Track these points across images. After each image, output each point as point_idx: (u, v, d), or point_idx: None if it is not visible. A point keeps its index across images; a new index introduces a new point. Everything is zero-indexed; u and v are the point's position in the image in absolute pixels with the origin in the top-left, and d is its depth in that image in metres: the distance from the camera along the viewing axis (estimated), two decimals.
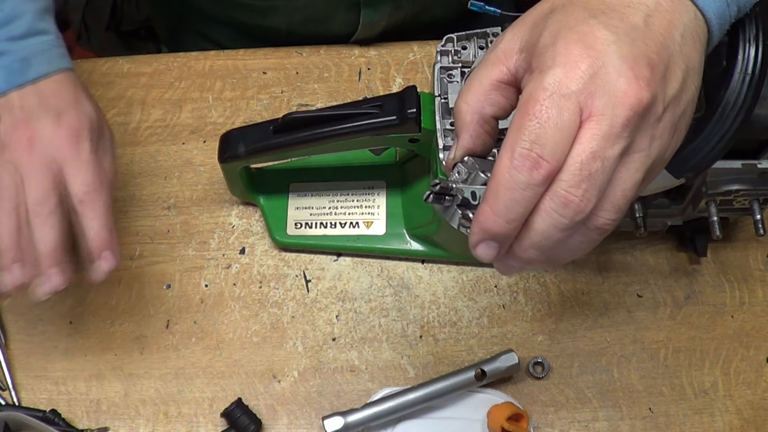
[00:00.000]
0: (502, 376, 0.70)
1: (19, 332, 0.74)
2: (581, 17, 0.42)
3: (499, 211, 0.42)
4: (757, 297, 0.75)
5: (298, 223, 0.76)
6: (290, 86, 0.84)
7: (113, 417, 0.70)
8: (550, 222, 0.42)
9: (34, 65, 0.61)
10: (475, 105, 0.47)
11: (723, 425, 0.70)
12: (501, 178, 0.41)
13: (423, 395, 0.68)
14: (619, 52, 0.41)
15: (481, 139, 0.48)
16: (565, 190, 0.41)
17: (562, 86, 0.41)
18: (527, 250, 0.44)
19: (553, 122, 0.40)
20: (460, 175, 0.48)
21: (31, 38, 0.61)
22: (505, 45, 0.46)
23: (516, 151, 0.41)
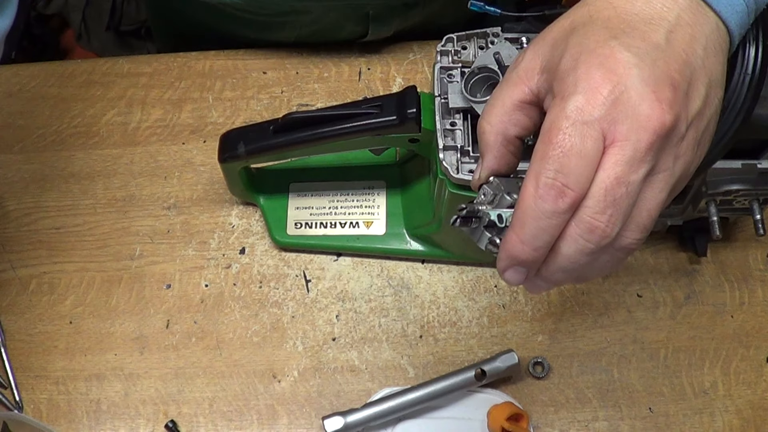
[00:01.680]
0: (502, 376, 0.69)
1: (19, 332, 0.74)
2: (602, 38, 0.42)
3: (526, 239, 0.42)
4: (757, 297, 0.75)
5: (298, 223, 0.76)
6: (290, 86, 0.84)
7: (113, 417, 0.70)
8: (577, 247, 0.42)
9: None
10: (498, 126, 0.46)
11: (723, 425, 0.70)
12: (527, 207, 0.42)
13: (423, 395, 0.68)
14: (641, 75, 0.41)
15: (506, 160, 0.47)
16: (591, 217, 0.41)
17: (585, 113, 0.40)
18: (555, 274, 0.44)
19: (576, 150, 0.40)
20: (486, 197, 0.47)
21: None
22: (526, 64, 0.46)
23: (540, 180, 0.41)
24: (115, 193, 0.79)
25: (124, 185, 0.80)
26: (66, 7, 1.23)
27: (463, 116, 0.63)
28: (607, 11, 0.44)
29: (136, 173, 0.80)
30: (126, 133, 0.82)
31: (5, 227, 0.78)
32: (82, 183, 0.80)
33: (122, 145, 0.81)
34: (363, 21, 0.82)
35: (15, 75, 0.86)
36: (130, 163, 0.81)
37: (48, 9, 1.27)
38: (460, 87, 0.62)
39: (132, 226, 0.78)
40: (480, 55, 0.63)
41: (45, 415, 0.71)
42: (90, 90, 0.84)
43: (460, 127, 0.62)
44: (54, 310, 0.75)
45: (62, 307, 0.75)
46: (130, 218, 0.78)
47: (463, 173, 0.61)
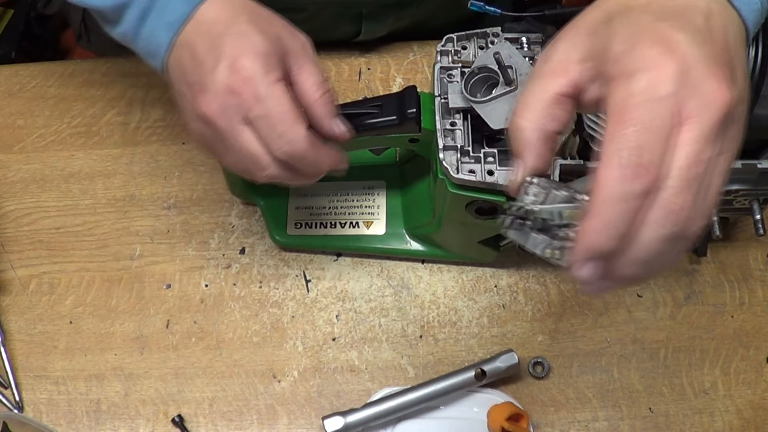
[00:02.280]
0: (502, 376, 0.69)
1: (19, 332, 0.74)
2: (650, 20, 0.42)
3: (608, 226, 0.40)
4: (757, 297, 0.75)
5: (298, 223, 0.76)
6: None
7: (113, 417, 0.70)
8: (656, 233, 0.40)
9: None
10: (536, 122, 0.44)
11: (723, 425, 0.70)
12: (608, 190, 0.39)
13: (423, 395, 0.68)
14: (699, 53, 0.40)
15: (547, 158, 0.45)
16: (671, 197, 0.39)
17: (655, 90, 0.40)
18: (629, 266, 0.42)
19: (652, 127, 0.39)
20: (535, 197, 0.45)
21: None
22: (561, 56, 0.44)
23: (622, 159, 0.39)
24: (115, 193, 0.79)
25: (124, 185, 0.80)
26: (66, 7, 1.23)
27: (463, 116, 0.63)
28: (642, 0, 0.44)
29: (136, 173, 0.80)
30: (126, 133, 0.82)
31: (5, 227, 0.78)
32: (82, 183, 0.80)
33: (122, 145, 0.81)
34: (356, 20, 0.82)
35: (15, 75, 0.86)
36: (130, 163, 0.81)
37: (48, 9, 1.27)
38: (460, 87, 0.61)
39: (132, 226, 0.78)
40: (480, 55, 0.63)
41: (45, 415, 0.71)
42: (90, 90, 0.84)
43: (460, 127, 0.62)
44: (54, 310, 0.75)
45: (62, 307, 0.75)
46: (130, 218, 0.78)
47: (463, 173, 0.61)
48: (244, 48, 0.55)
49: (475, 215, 0.64)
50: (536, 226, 0.44)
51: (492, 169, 0.61)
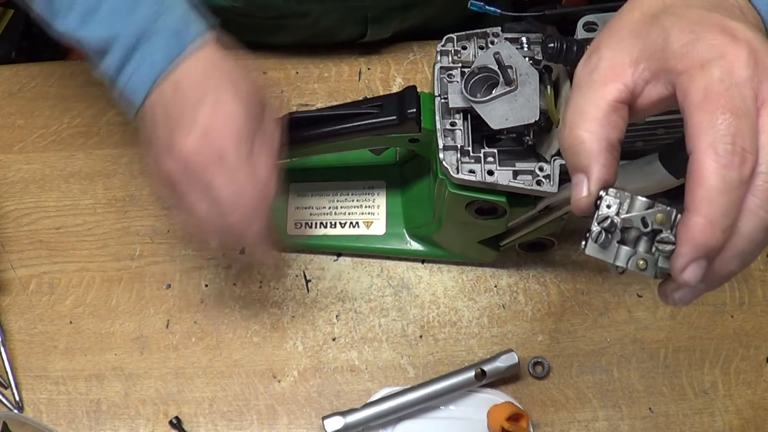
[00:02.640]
0: (502, 376, 0.69)
1: (19, 332, 0.74)
2: (701, 12, 0.42)
3: (717, 219, 0.38)
4: (757, 297, 0.75)
5: (298, 223, 0.76)
6: (290, 86, 0.84)
7: (113, 417, 0.70)
8: (757, 222, 0.39)
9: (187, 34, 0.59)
10: (599, 132, 0.42)
11: (723, 425, 0.70)
12: (712, 182, 0.38)
13: (423, 395, 0.68)
14: (757, 38, 0.40)
15: (614, 168, 0.43)
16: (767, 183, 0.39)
17: (735, 75, 0.39)
18: (730, 262, 0.41)
19: (743, 112, 0.39)
20: (611, 208, 0.42)
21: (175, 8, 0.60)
22: (610, 62, 0.43)
23: (720, 149, 0.38)
24: (115, 193, 0.79)
25: (124, 185, 0.80)
26: None
27: (463, 116, 0.63)
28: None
29: (136, 173, 0.80)
30: (126, 133, 0.82)
31: (5, 227, 0.78)
32: (82, 183, 0.80)
33: (122, 145, 0.81)
34: (362, 22, 0.82)
35: (15, 75, 0.86)
36: (130, 163, 0.81)
37: None
38: (460, 87, 0.61)
39: (132, 226, 0.78)
40: (480, 55, 0.63)
41: (45, 415, 0.71)
42: (90, 90, 0.84)
43: (460, 127, 0.62)
44: (54, 310, 0.75)
45: (62, 307, 0.75)
46: (130, 218, 0.78)
47: (463, 173, 0.61)
48: (221, 120, 0.58)
49: (475, 215, 0.64)
50: (617, 238, 0.43)
51: (492, 169, 0.61)
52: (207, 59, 0.59)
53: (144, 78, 0.58)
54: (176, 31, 0.59)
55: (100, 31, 0.58)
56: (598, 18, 0.61)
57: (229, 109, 0.58)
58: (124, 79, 0.59)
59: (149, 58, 0.58)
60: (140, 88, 0.59)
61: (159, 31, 0.58)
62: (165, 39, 0.58)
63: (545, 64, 0.63)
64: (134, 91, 0.59)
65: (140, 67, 0.58)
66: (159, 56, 0.58)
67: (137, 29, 0.58)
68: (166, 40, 0.58)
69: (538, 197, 0.63)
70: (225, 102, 0.58)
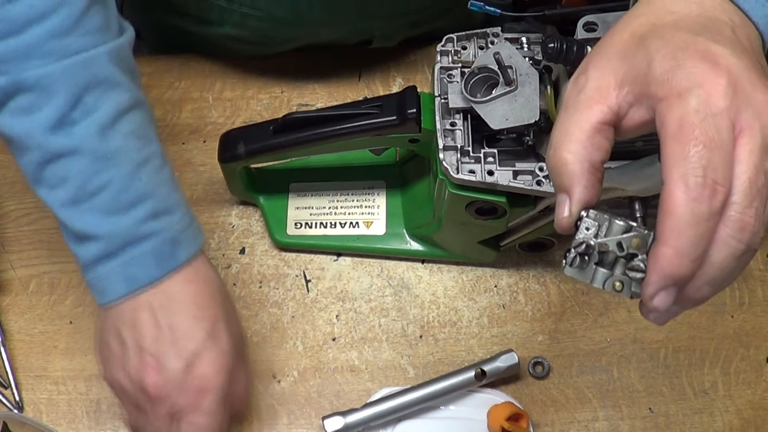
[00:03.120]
0: (502, 376, 0.70)
1: (19, 332, 0.74)
2: (686, 36, 0.41)
3: (685, 250, 0.39)
4: (757, 297, 0.75)
5: (298, 223, 0.76)
6: (290, 86, 0.84)
7: (113, 417, 0.70)
8: (728, 251, 0.40)
9: (183, 244, 0.58)
10: (582, 153, 0.42)
11: (723, 425, 0.70)
12: (681, 214, 0.39)
13: (423, 395, 0.68)
14: (741, 64, 0.40)
15: (596, 189, 0.43)
16: (741, 213, 0.39)
17: (712, 105, 0.39)
18: (702, 288, 0.41)
19: (717, 144, 0.39)
20: (589, 231, 0.44)
21: (173, 213, 0.58)
22: (596, 83, 0.43)
23: (690, 181, 0.38)
24: None
25: None
26: None
27: (463, 116, 0.63)
28: (668, 17, 0.43)
29: None
30: None
31: (5, 227, 0.78)
32: None
33: None
34: (368, 37, 0.82)
35: None
36: None
37: None
38: (460, 87, 0.62)
39: None
40: (480, 55, 0.63)
41: (45, 415, 0.71)
42: None
43: (460, 127, 0.62)
44: (54, 310, 0.75)
45: (62, 307, 0.75)
46: None
47: (463, 173, 0.61)
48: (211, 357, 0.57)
49: (475, 215, 0.64)
50: (594, 260, 0.44)
51: (492, 170, 0.61)
52: (194, 280, 0.58)
53: (122, 283, 0.56)
54: (170, 240, 0.57)
55: (89, 219, 0.56)
56: (598, 18, 0.61)
57: (220, 342, 0.58)
58: (99, 273, 0.57)
59: (135, 266, 0.56)
60: (115, 290, 0.57)
61: (152, 238, 0.56)
62: (156, 249, 0.56)
63: (545, 64, 0.63)
64: (107, 289, 0.57)
65: (121, 271, 0.56)
66: (146, 268, 0.56)
67: (130, 230, 0.56)
68: (158, 251, 0.56)
69: (539, 197, 0.63)
70: (216, 335, 0.58)
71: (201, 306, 0.58)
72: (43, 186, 0.56)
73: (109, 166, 0.55)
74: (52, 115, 0.54)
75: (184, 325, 0.57)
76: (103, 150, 0.55)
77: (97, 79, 0.55)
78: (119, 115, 0.56)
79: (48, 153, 0.55)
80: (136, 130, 0.57)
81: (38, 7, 0.53)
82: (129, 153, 0.56)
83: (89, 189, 0.55)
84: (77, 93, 0.54)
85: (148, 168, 0.57)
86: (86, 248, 0.57)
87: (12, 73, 0.53)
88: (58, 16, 0.53)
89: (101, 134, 0.55)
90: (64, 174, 0.55)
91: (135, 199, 0.56)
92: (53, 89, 0.53)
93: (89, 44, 0.55)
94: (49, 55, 0.53)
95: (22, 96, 0.54)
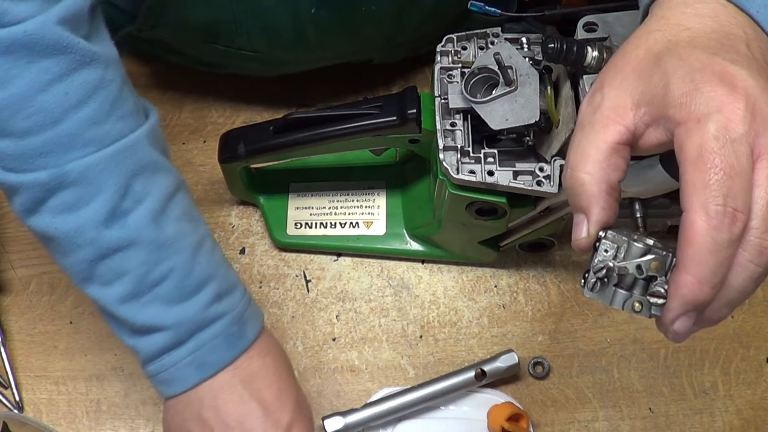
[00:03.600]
0: (502, 376, 0.70)
1: (19, 332, 0.74)
2: (703, 56, 0.41)
3: (706, 278, 0.39)
4: (757, 297, 0.75)
5: (298, 223, 0.76)
6: (290, 86, 0.84)
7: (113, 417, 0.70)
8: (747, 275, 0.40)
9: (249, 321, 0.56)
10: (599, 174, 0.42)
11: (723, 425, 0.70)
12: (702, 242, 0.39)
13: (423, 395, 0.68)
14: (758, 85, 0.40)
15: (614, 210, 0.43)
16: (759, 238, 0.39)
17: (731, 131, 0.39)
18: (720, 310, 0.42)
19: (737, 171, 0.39)
20: (608, 253, 0.44)
21: (235, 292, 0.57)
22: (612, 102, 0.43)
23: (710, 209, 0.39)
24: None
25: None
26: None
27: (463, 116, 0.63)
28: (683, 33, 0.43)
29: None
30: None
31: (5, 227, 0.78)
32: None
33: None
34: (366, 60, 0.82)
35: None
36: None
37: None
38: (460, 87, 0.61)
39: None
40: (480, 55, 0.63)
41: (45, 415, 0.71)
42: None
43: (460, 128, 0.62)
44: (54, 310, 0.75)
45: (62, 307, 0.75)
46: None
47: (463, 173, 0.61)
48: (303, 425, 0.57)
49: (476, 216, 0.64)
50: (613, 282, 0.44)
51: (492, 170, 0.61)
52: (268, 353, 0.57)
53: (193, 371, 0.54)
54: (237, 319, 0.55)
55: (153, 311, 0.53)
56: (598, 18, 0.61)
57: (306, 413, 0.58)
58: (165, 364, 0.55)
59: (207, 351, 0.54)
60: (187, 379, 0.55)
61: (219, 320, 0.55)
62: (225, 331, 0.55)
63: (545, 65, 0.63)
64: (177, 379, 0.55)
65: (193, 360, 0.54)
66: (218, 352, 0.55)
67: (198, 316, 0.54)
68: (227, 332, 0.55)
69: (539, 198, 0.63)
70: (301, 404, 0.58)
71: (282, 376, 0.57)
72: (95, 283, 0.53)
73: (169, 254, 0.53)
74: (104, 208, 0.51)
75: (273, 397, 0.56)
76: (160, 238, 0.53)
77: (142, 164, 0.52)
78: (168, 199, 0.54)
79: (103, 248, 0.51)
80: (186, 213, 0.55)
81: (74, 95, 0.49)
82: (185, 237, 0.54)
83: (150, 280, 0.53)
84: (125, 182, 0.51)
85: (204, 250, 0.55)
86: (150, 340, 0.54)
87: (52, 167, 0.49)
88: (95, 102, 0.50)
89: (155, 222, 0.52)
90: (122, 268, 0.52)
91: (198, 284, 0.54)
92: (100, 180, 0.50)
93: (128, 129, 0.52)
94: (90, 144, 0.50)
95: (66, 191, 0.50)
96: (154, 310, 0.53)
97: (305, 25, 0.70)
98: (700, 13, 0.43)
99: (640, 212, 0.66)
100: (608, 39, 0.60)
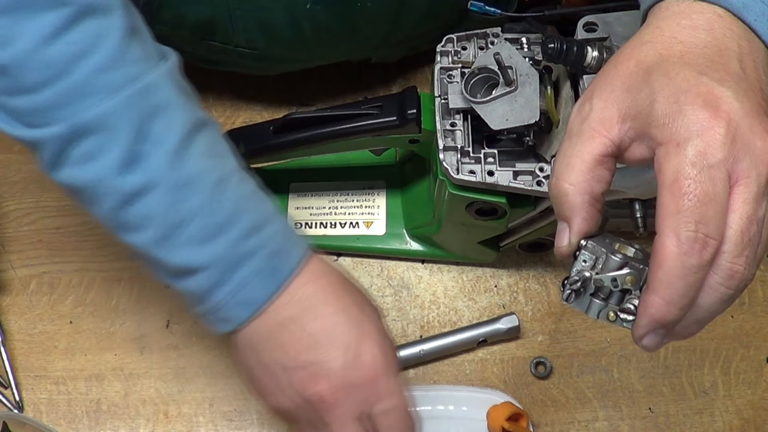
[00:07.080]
0: (501, 338, 0.70)
1: (19, 332, 0.74)
2: (690, 76, 0.41)
3: (674, 300, 0.41)
4: (757, 297, 0.75)
5: (298, 223, 0.76)
6: (290, 87, 0.84)
7: (113, 417, 0.70)
8: (717, 297, 0.41)
9: (290, 252, 0.55)
10: (582, 185, 0.43)
11: (723, 425, 0.70)
12: (672, 266, 0.40)
13: (429, 348, 0.71)
14: (743, 108, 0.40)
15: (595, 220, 0.44)
16: (731, 262, 0.40)
17: (708, 157, 0.39)
18: (690, 327, 0.43)
19: (711, 197, 0.39)
20: (587, 263, 0.45)
21: (270, 225, 0.55)
22: (599, 114, 0.43)
23: (681, 235, 0.39)
24: None
25: None
26: None
27: (463, 117, 0.63)
28: (676, 47, 0.43)
29: None
30: None
31: (5, 227, 0.78)
32: None
33: None
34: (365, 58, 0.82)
35: None
36: None
37: None
38: (460, 87, 0.61)
39: None
40: (480, 55, 0.63)
41: (45, 415, 0.71)
42: None
43: (460, 128, 0.62)
44: (54, 310, 0.75)
45: (62, 307, 0.75)
46: None
47: (463, 174, 0.61)
48: (370, 341, 0.55)
49: (475, 216, 0.64)
50: (590, 291, 0.45)
51: (492, 170, 0.61)
52: (317, 278, 0.55)
53: (241, 308, 0.53)
54: (276, 252, 0.54)
55: (186, 252, 0.52)
56: (598, 18, 0.61)
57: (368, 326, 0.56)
58: (215, 303, 0.53)
59: (249, 287, 0.53)
60: (238, 315, 0.54)
61: (256, 255, 0.53)
62: (264, 264, 0.53)
63: (545, 65, 0.63)
64: (230, 317, 0.54)
65: (236, 296, 0.53)
66: (261, 286, 0.53)
67: (231, 252, 0.53)
68: (266, 266, 0.53)
69: (539, 198, 0.63)
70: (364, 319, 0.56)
71: (336, 297, 0.55)
72: (127, 231, 0.52)
73: (191, 193, 0.52)
74: (121, 154, 0.50)
75: (330, 322, 0.54)
76: (182, 178, 0.52)
77: (158, 105, 0.51)
78: (188, 138, 0.52)
79: (124, 195, 0.51)
80: (210, 150, 0.54)
81: (78, 44, 0.49)
82: (208, 174, 0.53)
83: (177, 220, 0.52)
84: (140, 124, 0.50)
85: (231, 185, 0.54)
86: (194, 281, 0.53)
87: (68, 118, 0.49)
88: (99, 51, 0.50)
89: (175, 162, 0.51)
90: (146, 212, 0.51)
91: (225, 221, 0.53)
92: (117, 126, 0.50)
93: (140, 72, 0.51)
94: (102, 90, 0.50)
95: (84, 141, 0.50)
96: (187, 251, 0.52)
97: (301, 21, 0.71)
98: (695, 25, 0.43)
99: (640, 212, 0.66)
100: (608, 39, 0.60)
